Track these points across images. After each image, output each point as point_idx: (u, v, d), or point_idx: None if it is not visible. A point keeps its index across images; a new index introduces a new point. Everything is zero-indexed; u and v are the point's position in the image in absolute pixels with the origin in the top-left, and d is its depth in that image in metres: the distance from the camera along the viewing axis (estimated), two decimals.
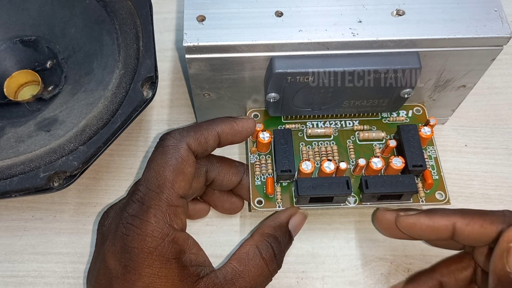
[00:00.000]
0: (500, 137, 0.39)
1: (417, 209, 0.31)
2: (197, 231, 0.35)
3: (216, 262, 0.34)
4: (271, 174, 0.34)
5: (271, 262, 0.29)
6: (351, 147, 0.35)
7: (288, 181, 0.34)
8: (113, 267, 0.26)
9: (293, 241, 0.32)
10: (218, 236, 0.35)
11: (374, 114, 0.36)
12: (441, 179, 0.34)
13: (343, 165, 0.32)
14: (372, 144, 0.35)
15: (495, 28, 0.30)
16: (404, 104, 0.35)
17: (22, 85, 0.39)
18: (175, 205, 0.27)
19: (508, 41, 0.30)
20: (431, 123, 0.34)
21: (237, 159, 0.38)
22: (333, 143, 0.35)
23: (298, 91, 0.32)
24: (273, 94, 0.32)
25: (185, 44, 0.29)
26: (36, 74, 0.38)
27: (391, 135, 0.35)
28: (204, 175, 0.31)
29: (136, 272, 0.25)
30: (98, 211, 0.36)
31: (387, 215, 0.31)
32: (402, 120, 0.36)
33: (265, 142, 0.33)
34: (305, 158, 0.33)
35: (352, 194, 0.33)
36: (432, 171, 0.34)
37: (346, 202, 0.33)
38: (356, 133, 0.35)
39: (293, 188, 0.33)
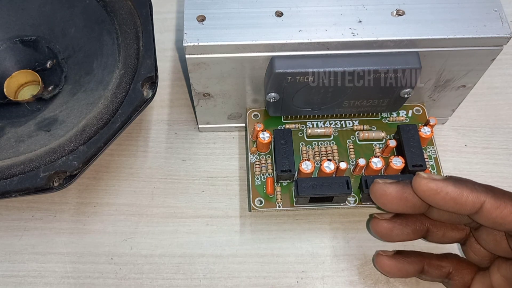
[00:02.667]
0: (500, 137, 0.39)
1: None
2: (197, 231, 0.35)
3: (216, 262, 0.34)
4: (271, 174, 0.34)
5: None
6: (351, 147, 0.35)
7: (288, 181, 0.34)
8: None
9: None
10: (218, 236, 0.35)
11: (374, 114, 0.36)
12: None
13: (343, 165, 0.32)
14: (372, 144, 0.35)
15: (495, 28, 0.30)
16: (404, 104, 0.35)
17: (22, 85, 0.39)
18: None
19: (508, 41, 0.30)
20: (431, 123, 0.34)
21: (237, 159, 0.38)
22: (333, 143, 0.35)
23: (298, 91, 0.32)
24: (273, 94, 0.32)
25: (185, 44, 0.29)
26: (36, 74, 0.38)
27: (391, 135, 0.35)
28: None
29: None
30: (98, 211, 0.36)
31: (384, 224, 0.30)
32: (402, 120, 0.36)
33: (265, 142, 0.33)
34: (305, 158, 0.33)
35: (352, 194, 0.33)
36: (432, 171, 0.34)
37: (346, 202, 0.33)
38: (356, 133, 0.35)
39: (293, 188, 0.33)
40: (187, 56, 0.30)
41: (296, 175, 0.33)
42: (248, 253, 0.35)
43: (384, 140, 0.35)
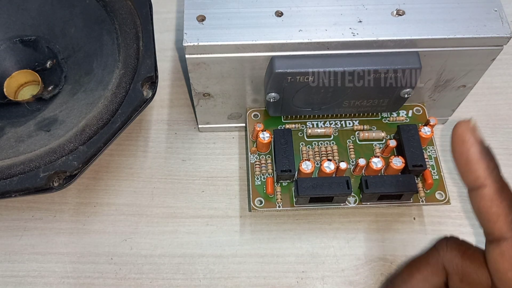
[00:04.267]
0: (500, 137, 0.39)
1: None
2: (197, 231, 0.35)
3: (216, 262, 0.34)
4: (271, 174, 0.34)
5: None
6: (351, 147, 0.35)
7: (288, 181, 0.34)
8: None
9: None
10: (218, 236, 0.35)
11: (374, 114, 0.36)
12: (441, 179, 0.34)
13: (343, 165, 0.32)
14: (372, 144, 0.35)
15: (495, 28, 0.30)
16: (404, 104, 0.35)
17: (22, 85, 0.39)
18: None
19: (508, 41, 0.30)
20: (431, 123, 0.34)
21: (237, 159, 0.38)
22: (333, 143, 0.35)
23: (298, 91, 0.32)
24: (273, 94, 0.32)
25: (185, 44, 0.29)
26: (36, 74, 0.38)
27: (391, 135, 0.35)
28: None
29: None
30: (98, 211, 0.36)
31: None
32: (402, 120, 0.36)
33: (265, 142, 0.33)
34: (305, 158, 0.33)
35: (352, 194, 0.33)
36: (432, 171, 0.34)
37: (346, 202, 0.33)
38: (356, 133, 0.35)
39: (293, 188, 0.33)
40: (187, 56, 0.30)
41: (296, 175, 0.33)
42: (248, 253, 0.35)
43: (384, 140, 0.35)
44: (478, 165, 0.24)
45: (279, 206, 0.33)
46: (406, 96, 0.33)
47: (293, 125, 0.35)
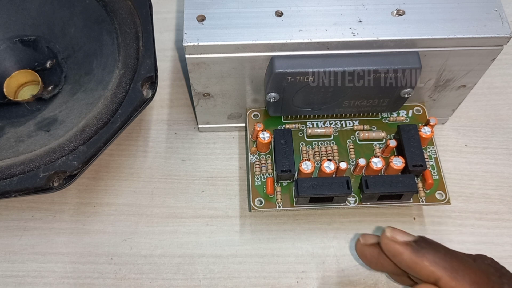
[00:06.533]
0: (500, 137, 0.39)
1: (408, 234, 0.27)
2: (197, 231, 0.35)
3: (216, 262, 0.34)
4: (271, 174, 0.34)
5: None
6: (351, 147, 0.35)
7: (288, 181, 0.34)
8: None
9: None
10: (218, 236, 0.35)
11: (374, 114, 0.36)
12: (441, 179, 0.34)
13: (343, 165, 0.32)
14: (372, 144, 0.35)
15: (495, 28, 0.30)
16: (404, 104, 0.35)
17: (22, 85, 0.39)
18: None
19: (508, 41, 0.30)
20: (431, 123, 0.34)
21: (237, 159, 0.38)
22: (333, 143, 0.35)
23: (298, 91, 0.32)
24: (273, 94, 0.32)
25: (185, 44, 0.29)
26: (36, 74, 0.38)
27: (391, 135, 0.35)
28: None
29: None
30: (98, 211, 0.36)
31: (369, 249, 0.28)
32: (402, 120, 0.36)
33: (265, 142, 0.33)
34: (305, 158, 0.33)
35: (352, 194, 0.33)
36: (432, 171, 0.34)
37: (346, 202, 0.33)
38: (356, 133, 0.35)
39: (293, 188, 0.33)
40: (187, 56, 0.30)
41: (296, 175, 0.33)
42: (248, 253, 0.35)
43: (384, 140, 0.35)
44: (419, 265, 0.26)
45: (279, 206, 0.33)
46: (406, 96, 0.33)
47: (293, 125, 0.35)
